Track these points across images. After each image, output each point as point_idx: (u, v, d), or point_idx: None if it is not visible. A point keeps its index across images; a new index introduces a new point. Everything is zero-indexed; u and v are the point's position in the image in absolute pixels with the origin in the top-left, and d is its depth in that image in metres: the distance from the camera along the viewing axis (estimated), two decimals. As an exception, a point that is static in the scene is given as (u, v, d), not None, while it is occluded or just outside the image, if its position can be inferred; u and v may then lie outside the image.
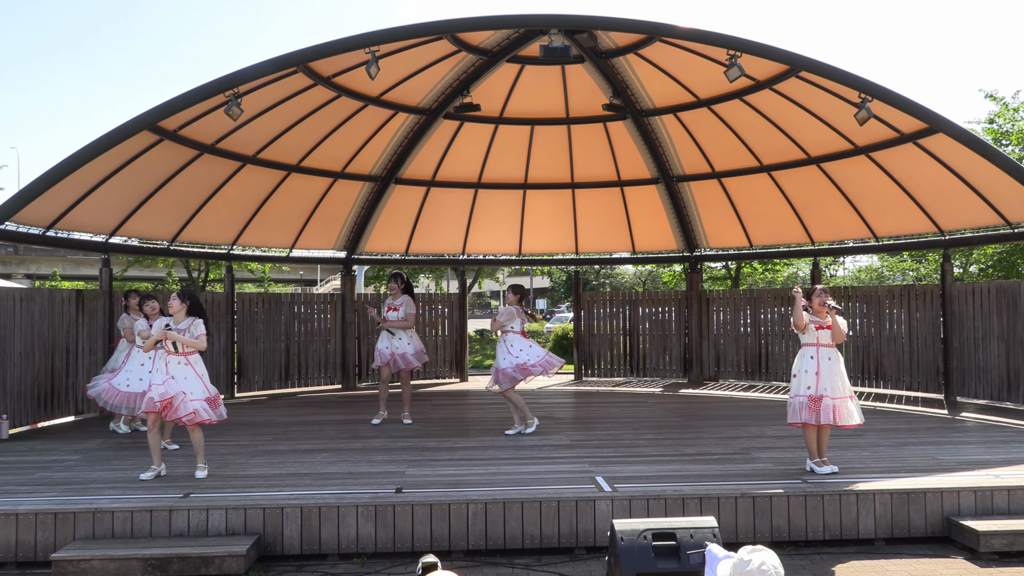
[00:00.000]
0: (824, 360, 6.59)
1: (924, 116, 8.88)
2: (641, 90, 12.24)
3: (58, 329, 9.77)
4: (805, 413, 6.55)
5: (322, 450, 7.87)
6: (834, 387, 6.56)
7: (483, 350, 25.03)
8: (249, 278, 33.79)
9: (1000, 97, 19.40)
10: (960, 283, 11.31)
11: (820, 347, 6.62)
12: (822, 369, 6.57)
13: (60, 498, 5.94)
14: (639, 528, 4.79)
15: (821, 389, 6.53)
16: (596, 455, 7.49)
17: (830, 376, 6.57)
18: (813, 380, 6.56)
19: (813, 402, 6.52)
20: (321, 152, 12.39)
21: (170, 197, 11.17)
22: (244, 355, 13.03)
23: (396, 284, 9.65)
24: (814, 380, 6.56)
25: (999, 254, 18.53)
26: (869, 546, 5.94)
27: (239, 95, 8.73)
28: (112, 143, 8.36)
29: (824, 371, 6.57)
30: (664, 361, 14.61)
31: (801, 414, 6.57)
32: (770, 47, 8.57)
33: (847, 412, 6.57)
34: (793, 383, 6.75)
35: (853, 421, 6.59)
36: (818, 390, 6.53)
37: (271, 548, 5.70)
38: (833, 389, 6.55)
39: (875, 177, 11.45)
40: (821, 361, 6.59)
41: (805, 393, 6.58)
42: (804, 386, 6.60)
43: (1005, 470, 6.62)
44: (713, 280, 25.78)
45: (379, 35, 8.39)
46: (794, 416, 6.64)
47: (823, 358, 6.59)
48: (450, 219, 14.66)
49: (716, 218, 14.05)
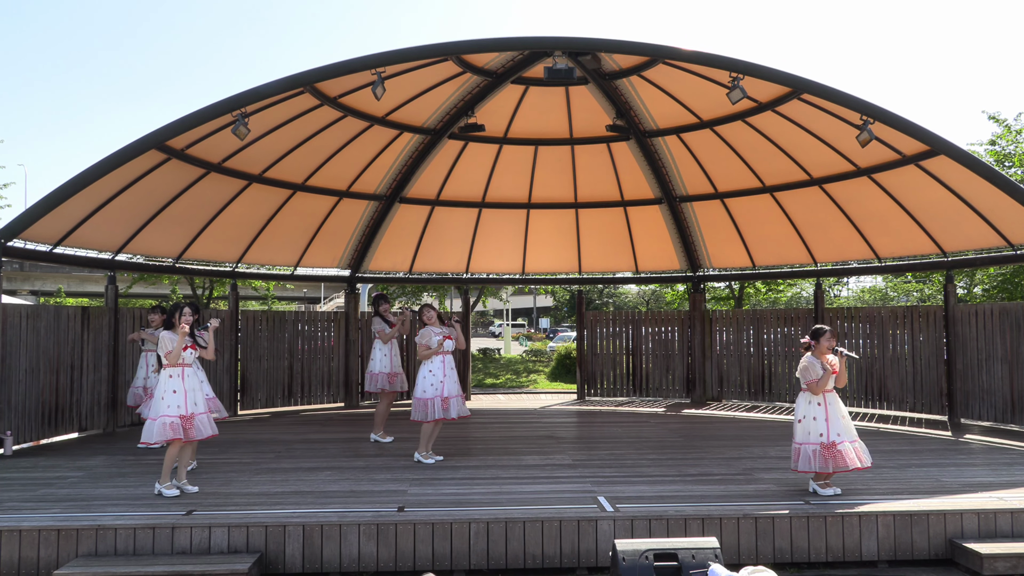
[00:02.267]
0: (831, 405, 6.49)
1: (926, 138, 8.93)
2: (644, 111, 12.33)
3: (63, 346, 9.81)
4: (819, 462, 6.39)
5: (324, 468, 7.87)
6: (846, 430, 6.47)
7: (485, 369, 25.01)
8: (253, 296, 33.89)
9: (1003, 119, 19.48)
10: (963, 304, 11.31)
11: (826, 392, 6.51)
12: (831, 414, 6.47)
13: (63, 515, 5.95)
14: (641, 548, 4.79)
15: (833, 435, 6.40)
16: (598, 475, 7.48)
17: (838, 420, 6.47)
18: (824, 428, 6.43)
19: (826, 449, 6.38)
20: (326, 171, 12.49)
21: (176, 215, 11.25)
22: (247, 373, 13.05)
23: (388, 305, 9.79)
24: (824, 427, 6.43)
25: (1002, 275, 18.53)
26: (872, 568, 5.92)
27: (246, 115, 8.82)
28: (120, 161, 8.45)
29: (832, 415, 6.47)
30: (667, 381, 14.60)
31: (814, 463, 6.41)
32: (772, 69, 8.64)
33: (866, 453, 6.52)
34: (799, 429, 6.59)
35: (868, 463, 6.53)
36: (830, 436, 6.40)
37: (273, 566, 5.70)
38: (846, 432, 6.46)
39: (878, 198, 11.50)
40: (828, 406, 6.49)
41: (817, 441, 6.43)
42: (816, 433, 6.45)
43: (1009, 492, 6.60)
44: (716, 300, 25.79)
45: (386, 56, 8.50)
46: (805, 465, 6.47)
47: (829, 403, 6.49)
48: (454, 238, 14.73)
49: (719, 238, 14.09)
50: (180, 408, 6.68)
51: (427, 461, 8.17)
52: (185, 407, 6.71)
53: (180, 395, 6.71)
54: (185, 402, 6.72)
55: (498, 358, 28.99)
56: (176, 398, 6.69)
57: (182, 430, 6.65)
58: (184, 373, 6.78)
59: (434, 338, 8.06)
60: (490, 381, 22.91)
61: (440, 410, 7.99)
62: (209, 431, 6.89)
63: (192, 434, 6.72)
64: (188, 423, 6.69)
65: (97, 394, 10.41)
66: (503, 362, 27.63)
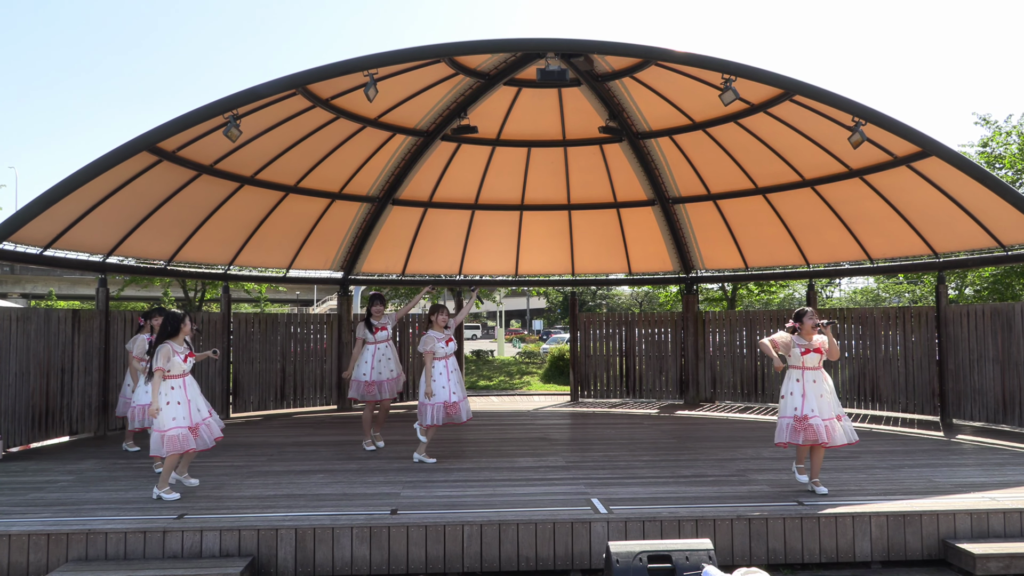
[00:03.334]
0: (809, 383, 6.71)
1: (917, 140, 8.96)
2: (637, 113, 12.35)
3: (54, 349, 9.75)
4: (789, 433, 6.70)
5: (317, 471, 7.84)
6: (821, 408, 6.66)
7: (479, 371, 24.99)
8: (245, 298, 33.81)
9: (993, 121, 19.60)
10: (955, 305, 11.36)
11: (805, 370, 6.74)
12: (807, 391, 6.69)
13: (53, 519, 5.91)
14: (635, 550, 4.78)
15: (807, 410, 6.63)
16: (592, 477, 7.47)
17: (815, 398, 6.67)
18: (799, 402, 6.69)
19: (798, 422, 6.64)
20: (319, 173, 12.46)
21: (168, 217, 11.20)
22: (240, 375, 13.01)
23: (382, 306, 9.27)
24: (800, 402, 6.69)
25: (994, 276, 18.62)
26: (866, 569, 5.93)
27: (238, 116, 8.79)
28: (111, 164, 8.40)
29: (809, 393, 6.69)
30: (660, 382, 14.61)
31: (784, 434, 6.74)
32: (764, 71, 8.66)
33: (837, 433, 6.66)
34: (781, 404, 6.89)
35: (841, 441, 6.66)
36: (803, 411, 6.64)
37: (265, 570, 5.67)
38: (820, 410, 6.65)
39: (869, 200, 11.54)
40: (806, 384, 6.72)
41: (791, 414, 6.72)
42: (791, 407, 6.74)
43: (1001, 493, 6.62)
44: (709, 301, 25.84)
45: (378, 58, 8.48)
46: (779, 436, 6.79)
47: (808, 380, 6.72)
48: (447, 240, 14.72)
49: (712, 240, 14.12)
50: (185, 419, 6.65)
51: (428, 461, 8.24)
52: (190, 417, 6.69)
53: (184, 406, 6.68)
54: (189, 412, 6.70)
55: (491, 360, 28.98)
56: (180, 409, 6.65)
57: (191, 440, 6.63)
58: (185, 383, 6.76)
59: (437, 344, 8.27)
60: (483, 383, 22.89)
61: (442, 416, 8.15)
62: (216, 434, 6.91)
63: (198, 443, 6.71)
64: (195, 433, 6.69)
65: (88, 397, 10.35)
66: (496, 364, 27.61)
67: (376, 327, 9.12)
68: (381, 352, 9.12)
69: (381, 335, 9.16)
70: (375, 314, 9.18)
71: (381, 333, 9.16)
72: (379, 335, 9.15)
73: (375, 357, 9.06)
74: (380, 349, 9.12)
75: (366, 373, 9.00)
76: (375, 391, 9.00)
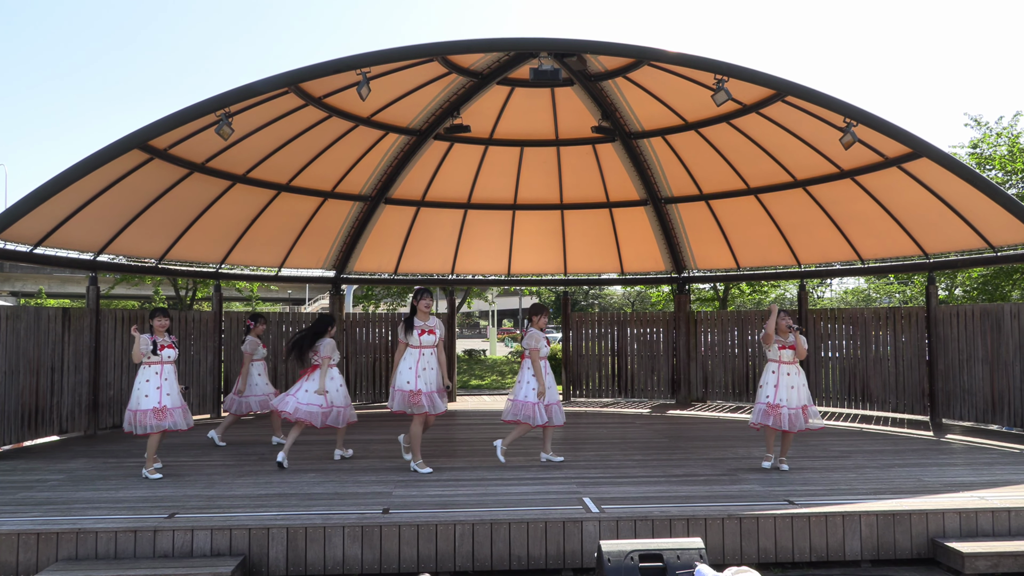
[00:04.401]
0: (783, 375, 7.73)
1: (908, 141, 9.01)
2: (630, 113, 12.37)
3: (44, 347, 9.70)
4: (761, 416, 7.76)
5: (309, 470, 7.83)
6: (790, 399, 7.66)
7: (471, 370, 24.98)
8: (237, 297, 33.68)
9: (984, 122, 19.70)
10: (945, 306, 11.42)
11: (781, 364, 7.77)
12: (780, 383, 7.71)
13: (43, 518, 5.88)
14: (626, 549, 4.79)
15: (778, 399, 7.66)
16: (584, 476, 7.48)
17: (787, 389, 7.68)
18: (772, 391, 7.73)
19: (771, 408, 7.68)
20: (311, 171, 12.43)
21: (159, 215, 11.16)
22: (231, 374, 12.96)
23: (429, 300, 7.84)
24: (772, 391, 7.73)
25: (984, 277, 18.72)
26: (856, 568, 5.96)
27: (230, 115, 8.76)
28: (102, 161, 8.37)
29: (782, 384, 7.70)
30: (652, 382, 14.63)
31: (758, 416, 7.80)
32: (756, 72, 8.69)
33: (800, 421, 7.66)
34: (758, 392, 7.92)
35: (802, 427, 7.64)
36: (775, 399, 7.68)
37: (256, 569, 5.65)
38: (789, 400, 7.66)
39: (861, 200, 11.59)
40: (781, 376, 7.74)
41: (764, 401, 7.76)
42: (764, 395, 7.79)
43: (990, 492, 6.66)
44: (701, 301, 25.89)
45: (371, 57, 8.47)
46: (755, 418, 7.85)
47: (783, 373, 7.74)
48: (440, 239, 14.70)
49: (704, 240, 14.15)
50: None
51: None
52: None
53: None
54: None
55: (483, 359, 28.98)
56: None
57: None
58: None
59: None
60: (475, 382, 22.89)
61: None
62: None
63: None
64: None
65: (78, 396, 10.30)
66: (488, 363, 27.61)
67: (421, 328, 7.66)
68: (426, 360, 7.65)
69: (427, 339, 7.67)
70: (422, 311, 7.75)
71: (427, 337, 7.67)
72: (424, 339, 7.65)
73: (419, 364, 7.61)
74: (425, 356, 7.65)
75: (410, 381, 7.55)
76: (422, 402, 7.55)
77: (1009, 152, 18.59)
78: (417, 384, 7.57)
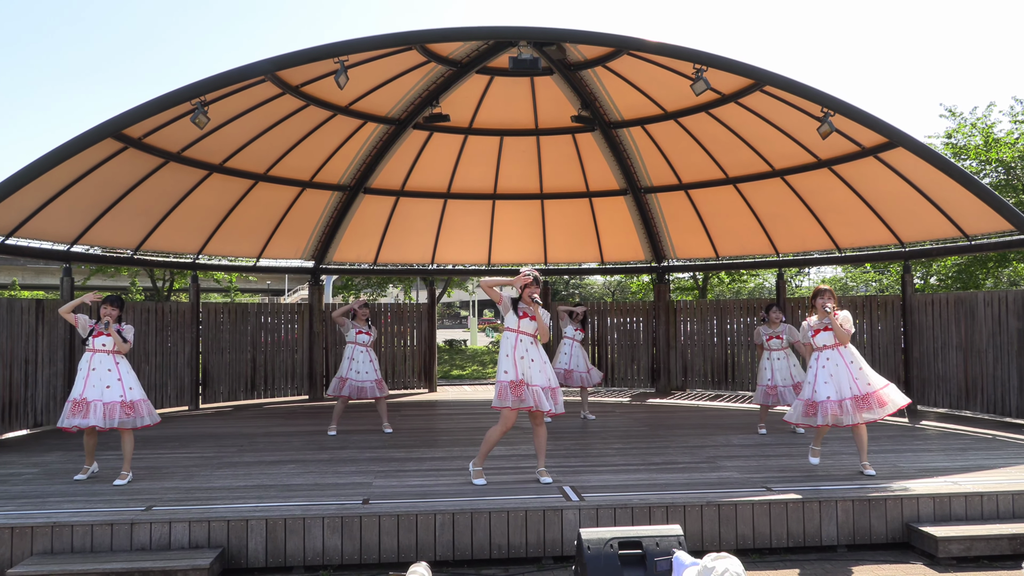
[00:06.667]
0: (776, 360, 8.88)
1: (884, 130, 9.08)
2: (609, 102, 12.36)
3: (17, 340, 9.56)
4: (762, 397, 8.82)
5: (288, 461, 7.79)
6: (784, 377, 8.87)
7: (452, 360, 24.98)
8: (215, 288, 33.39)
9: (959, 113, 19.92)
10: (920, 294, 11.56)
11: (772, 351, 8.84)
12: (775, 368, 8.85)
13: (17, 512, 5.81)
14: (606, 537, 4.81)
15: (776, 380, 8.66)
16: (563, 465, 7.51)
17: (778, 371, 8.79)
18: (769, 374, 8.66)
19: (770, 389, 8.66)
20: (289, 161, 12.32)
21: (134, 205, 11.01)
22: (209, 366, 12.86)
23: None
24: (769, 375, 8.65)
25: (958, 266, 18.98)
26: (832, 552, 6.03)
27: (206, 103, 8.66)
28: (75, 151, 8.22)
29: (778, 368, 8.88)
30: (632, 371, 14.70)
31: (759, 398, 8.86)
32: (735, 61, 8.71)
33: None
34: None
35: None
36: (773, 381, 8.66)
37: (235, 561, 5.62)
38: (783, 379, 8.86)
39: (838, 190, 11.68)
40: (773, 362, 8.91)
41: (765, 383, 8.72)
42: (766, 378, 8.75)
43: (963, 477, 6.77)
44: (681, 291, 26.04)
45: (348, 45, 8.39)
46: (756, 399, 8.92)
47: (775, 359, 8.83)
48: (419, 229, 14.64)
49: (683, 229, 14.21)
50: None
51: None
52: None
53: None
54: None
55: (464, 349, 28.99)
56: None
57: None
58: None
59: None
60: (456, 372, 22.89)
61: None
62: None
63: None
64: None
65: (53, 389, 10.17)
66: (469, 353, 27.63)
67: (526, 312, 6.58)
68: (524, 347, 6.56)
69: (526, 324, 6.58)
70: (527, 295, 6.57)
71: (526, 322, 6.58)
72: (524, 324, 6.58)
73: (517, 352, 6.53)
74: (524, 343, 6.56)
75: (508, 371, 6.50)
76: (526, 396, 6.45)
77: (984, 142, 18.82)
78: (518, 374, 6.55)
